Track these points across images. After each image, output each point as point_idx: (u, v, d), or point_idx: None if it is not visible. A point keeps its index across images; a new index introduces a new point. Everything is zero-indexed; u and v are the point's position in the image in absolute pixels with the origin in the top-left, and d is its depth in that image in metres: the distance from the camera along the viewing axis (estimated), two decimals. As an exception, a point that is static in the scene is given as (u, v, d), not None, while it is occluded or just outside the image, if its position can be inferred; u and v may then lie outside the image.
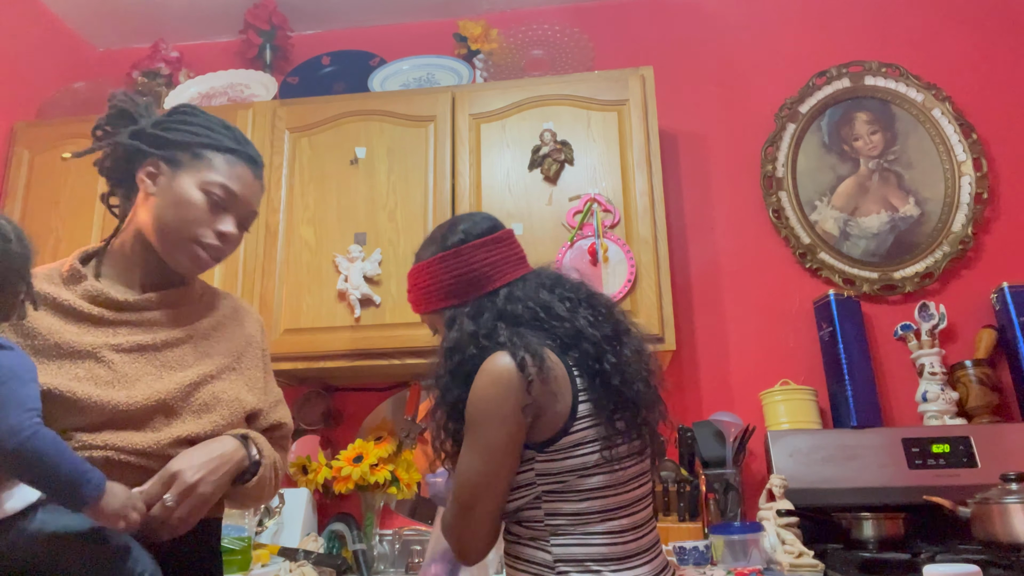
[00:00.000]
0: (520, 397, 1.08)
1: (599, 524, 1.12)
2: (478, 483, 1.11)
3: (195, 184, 1.18)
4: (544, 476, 1.12)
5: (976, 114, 2.49)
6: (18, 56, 2.60)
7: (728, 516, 2.04)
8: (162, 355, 1.16)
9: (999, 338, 2.25)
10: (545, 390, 1.09)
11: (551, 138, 2.20)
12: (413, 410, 2.26)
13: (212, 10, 2.82)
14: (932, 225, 2.42)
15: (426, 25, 2.85)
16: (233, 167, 1.21)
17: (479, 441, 1.11)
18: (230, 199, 1.20)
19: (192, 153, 1.19)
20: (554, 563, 1.11)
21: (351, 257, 2.16)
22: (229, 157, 1.21)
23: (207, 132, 1.21)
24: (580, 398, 1.13)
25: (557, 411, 1.11)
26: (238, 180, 1.21)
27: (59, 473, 0.89)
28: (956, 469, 1.98)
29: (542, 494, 1.12)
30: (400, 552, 2.19)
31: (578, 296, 1.21)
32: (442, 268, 1.24)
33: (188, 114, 1.24)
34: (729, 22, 2.71)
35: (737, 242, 2.49)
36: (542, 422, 1.11)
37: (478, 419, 1.11)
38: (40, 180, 2.38)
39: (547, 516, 1.12)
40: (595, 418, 1.12)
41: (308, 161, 2.29)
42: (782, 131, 2.54)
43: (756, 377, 2.32)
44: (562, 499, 1.12)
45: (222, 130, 1.23)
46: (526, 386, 1.08)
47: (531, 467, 1.12)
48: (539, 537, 1.13)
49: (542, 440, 1.11)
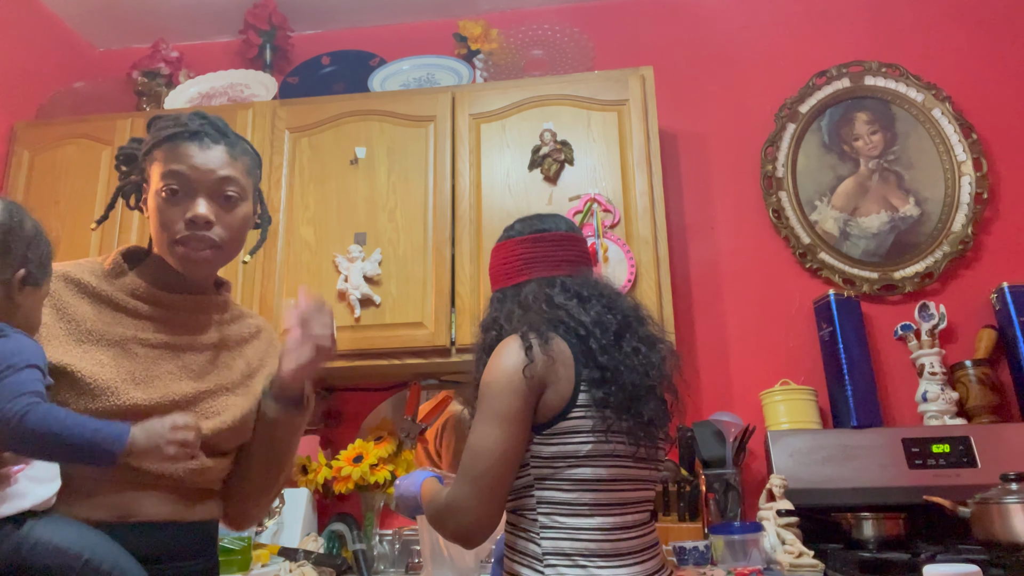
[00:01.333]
0: (528, 371, 1.13)
1: (589, 518, 1.12)
2: (491, 451, 1.11)
3: (154, 192, 1.17)
4: (537, 459, 1.14)
5: (976, 114, 2.49)
6: (18, 56, 2.60)
7: (728, 516, 2.04)
8: (185, 357, 1.18)
9: (999, 338, 2.25)
10: (549, 369, 1.14)
11: (551, 138, 2.20)
12: (413, 410, 2.26)
13: (212, 10, 2.82)
14: (932, 225, 2.42)
15: (426, 25, 2.85)
16: (174, 151, 1.16)
17: (491, 409, 1.14)
18: (182, 183, 1.15)
19: (148, 163, 1.18)
20: (543, 555, 1.12)
21: (351, 257, 2.16)
22: (167, 145, 1.17)
23: (154, 135, 1.19)
24: (582, 387, 1.15)
25: (558, 393, 1.14)
26: (180, 160, 1.15)
27: (71, 441, 0.89)
28: (956, 469, 1.98)
29: (534, 481, 1.15)
30: (400, 552, 2.19)
31: (594, 293, 1.25)
32: (494, 256, 1.36)
33: (150, 127, 1.22)
34: (729, 22, 2.71)
35: (737, 242, 2.49)
36: (543, 403, 1.14)
37: (491, 390, 1.15)
38: (40, 180, 2.38)
39: (539, 504, 1.14)
40: (594, 409, 1.15)
41: (308, 161, 2.29)
42: (782, 131, 2.54)
43: (756, 377, 2.32)
44: (553, 487, 1.14)
45: (167, 123, 1.19)
46: (532, 362, 1.13)
47: (528, 448, 1.15)
48: (530, 528, 1.14)
49: (540, 422, 1.15)
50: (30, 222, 1.01)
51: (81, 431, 0.90)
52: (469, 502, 1.12)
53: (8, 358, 0.92)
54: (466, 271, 2.13)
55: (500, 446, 1.12)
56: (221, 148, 1.19)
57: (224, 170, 1.18)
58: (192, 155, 1.16)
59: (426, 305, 2.11)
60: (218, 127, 1.21)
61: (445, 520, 1.16)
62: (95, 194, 2.33)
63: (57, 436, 0.89)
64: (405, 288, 2.14)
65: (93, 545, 0.97)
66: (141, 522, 1.08)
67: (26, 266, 0.99)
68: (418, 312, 2.11)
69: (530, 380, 1.13)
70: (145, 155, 1.20)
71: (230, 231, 1.19)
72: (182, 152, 1.16)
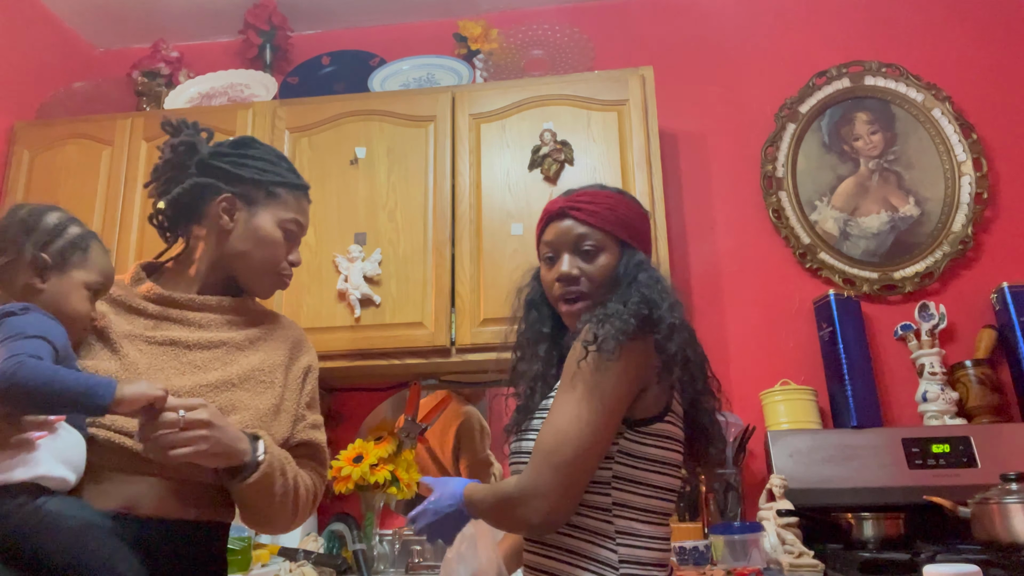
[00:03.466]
0: (640, 361, 1.07)
1: (658, 527, 1.11)
2: (585, 438, 1.04)
3: (274, 222, 1.31)
4: (624, 456, 1.09)
5: (976, 114, 2.49)
6: (18, 56, 2.60)
7: (728, 516, 2.04)
8: (191, 354, 1.21)
9: (999, 338, 2.25)
10: (653, 369, 1.09)
11: (551, 138, 2.20)
12: (413, 410, 2.26)
13: (212, 10, 2.82)
14: (932, 225, 2.42)
15: (426, 25, 2.85)
16: (300, 201, 1.36)
17: (598, 391, 1.05)
18: (300, 231, 1.35)
19: (267, 191, 1.31)
20: (619, 563, 1.07)
21: (351, 257, 2.16)
22: (297, 193, 1.35)
23: (273, 168, 1.33)
24: (675, 397, 1.14)
25: (657, 395, 1.11)
26: (304, 213, 1.36)
27: (63, 390, 0.96)
28: (956, 469, 1.98)
29: (612, 479, 1.09)
30: (400, 552, 2.19)
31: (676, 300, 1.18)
32: (639, 213, 1.24)
33: (251, 147, 1.34)
34: (729, 22, 2.71)
35: (737, 242, 2.49)
36: (641, 400, 1.10)
37: (598, 372, 1.05)
38: (40, 180, 2.38)
39: (615, 507, 1.09)
40: (681, 419, 1.15)
41: (308, 161, 2.29)
42: (782, 131, 2.54)
43: (756, 377, 2.32)
44: (633, 490, 1.09)
45: (282, 163, 1.35)
46: (648, 356, 1.08)
47: (616, 441, 1.09)
48: (603, 532, 1.09)
49: (636, 419, 1.10)
50: (51, 217, 1.18)
51: (73, 382, 0.97)
52: (550, 489, 1.03)
53: (21, 327, 1.02)
54: (466, 271, 2.13)
55: (596, 435, 1.04)
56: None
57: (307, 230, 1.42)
58: (306, 212, 1.38)
59: (426, 305, 2.11)
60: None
61: (515, 508, 1.06)
62: (95, 194, 2.33)
63: (48, 386, 0.96)
64: (405, 288, 2.14)
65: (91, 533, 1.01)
66: (148, 516, 1.09)
67: (37, 254, 1.12)
68: (418, 312, 2.11)
69: (639, 373, 1.07)
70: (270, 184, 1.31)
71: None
72: (304, 207, 1.37)
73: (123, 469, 1.09)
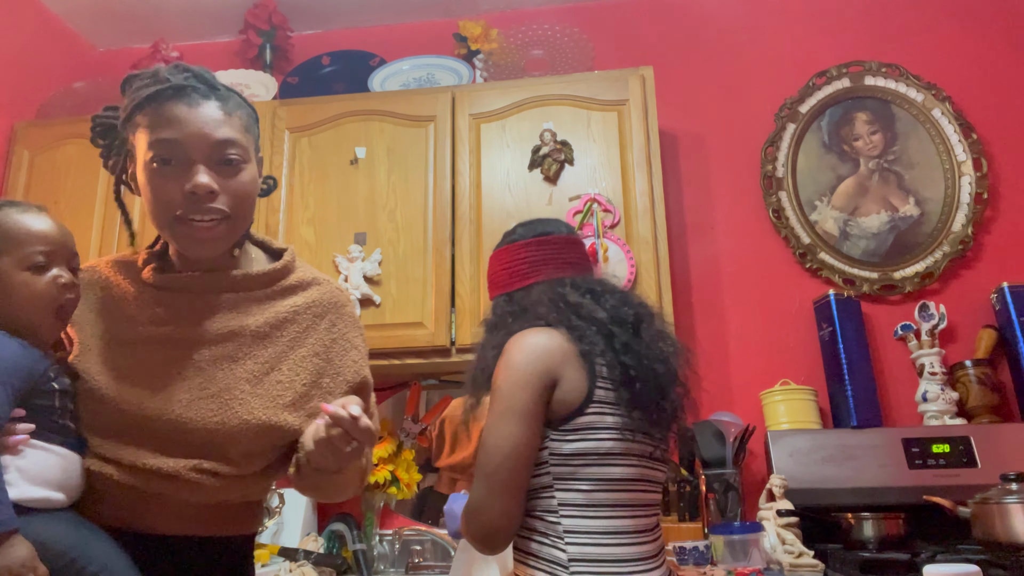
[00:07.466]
0: (538, 367, 1.13)
1: (609, 520, 1.12)
2: (503, 446, 1.10)
3: (142, 165, 1.01)
4: (556, 456, 1.13)
5: (976, 114, 2.49)
6: (18, 56, 2.60)
7: (728, 516, 2.04)
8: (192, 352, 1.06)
9: (999, 338, 2.25)
10: (563, 363, 1.14)
11: (551, 138, 2.20)
12: (413, 410, 2.26)
13: (212, 10, 2.82)
14: (932, 225, 2.42)
15: (426, 25, 2.85)
16: (159, 113, 0.99)
17: (503, 405, 1.13)
18: (175, 151, 0.98)
19: (130, 131, 1.02)
20: (569, 562, 1.10)
21: (351, 257, 2.16)
22: (150, 107, 1.00)
23: (132, 97, 1.02)
24: (599, 384, 1.15)
25: (573, 388, 1.14)
26: (170, 124, 0.98)
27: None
28: (956, 469, 1.98)
29: (553, 480, 1.13)
30: (400, 552, 2.19)
31: (606, 290, 1.26)
32: (496, 261, 1.36)
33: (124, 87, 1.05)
34: (729, 22, 2.71)
35: (737, 242, 2.49)
36: (557, 398, 1.14)
37: (503, 385, 1.14)
38: (40, 180, 2.38)
39: (560, 507, 1.12)
40: (613, 406, 1.15)
41: (308, 161, 2.29)
42: (782, 131, 2.54)
43: (756, 377, 2.32)
44: (574, 487, 1.12)
45: (145, 81, 1.02)
46: (544, 358, 1.14)
47: (545, 445, 1.14)
48: (551, 532, 1.12)
49: (556, 418, 1.14)
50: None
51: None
52: (485, 500, 1.10)
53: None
54: (466, 271, 2.13)
55: (511, 440, 1.10)
56: (214, 104, 1.01)
57: (221, 130, 1.00)
58: (181, 116, 0.98)
59: (426, 305, 2.11)
60: (206, 79, 1.03)
61: (469, 524, 1.13)
62: (95, 194, 2.33)
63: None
64: (405, 288, 2.14)
65: (83, 545, 0.94)
66: (153, 534, 1.01)
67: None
68: (418, 312, 2.11)
69: (541, 375, 1.12)
70: (125, 123, 1.03)
71: (237, 199, 1.02)
72: (169, 113, 0.99)
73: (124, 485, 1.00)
